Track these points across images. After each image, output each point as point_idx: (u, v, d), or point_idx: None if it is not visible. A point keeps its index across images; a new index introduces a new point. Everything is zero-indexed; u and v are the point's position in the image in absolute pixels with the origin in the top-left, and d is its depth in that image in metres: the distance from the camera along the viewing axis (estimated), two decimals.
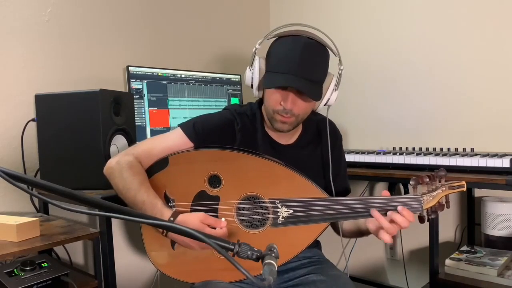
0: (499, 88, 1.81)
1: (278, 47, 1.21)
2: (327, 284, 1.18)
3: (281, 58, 1.19)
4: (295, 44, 1.17)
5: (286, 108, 1.19)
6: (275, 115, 1.22)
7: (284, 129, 1.24)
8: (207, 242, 0.74)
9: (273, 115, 1.22)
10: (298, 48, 1.16)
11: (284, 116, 1.20)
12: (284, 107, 1.19)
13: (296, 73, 1.15)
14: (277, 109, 1.20)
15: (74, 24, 1.72)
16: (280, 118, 1.21)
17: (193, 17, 2.19)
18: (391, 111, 2.13)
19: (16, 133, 1.54)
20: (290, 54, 1.17)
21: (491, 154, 1.56)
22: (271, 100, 1.21)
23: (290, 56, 1.16)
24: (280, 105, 1.19)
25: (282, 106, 1.19)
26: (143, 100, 1.81)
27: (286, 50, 1.18)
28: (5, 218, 1.24)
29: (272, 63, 1.21)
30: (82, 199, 0.73)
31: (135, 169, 1.15)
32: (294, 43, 1.17)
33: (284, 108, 1.19)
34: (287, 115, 1.20)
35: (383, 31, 2.14)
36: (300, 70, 1.16)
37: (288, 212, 1.17)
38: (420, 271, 2.07)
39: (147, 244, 1.18)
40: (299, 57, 1.16)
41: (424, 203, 1.13)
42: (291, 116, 1.21)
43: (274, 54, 1.21)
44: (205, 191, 1.18)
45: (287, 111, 1.19)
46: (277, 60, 1.19)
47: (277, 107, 1.20)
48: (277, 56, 1.20)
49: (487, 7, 1.82)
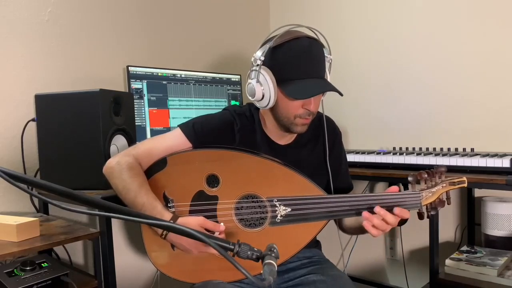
0: (499, 88, 1.81)
1: (285, 54, 1.17)
2: (327, 284, 1.18)
3: (295, 64, 1.17)
4: (301, 46, 1.16)
5: (312, 110, 1.20)
6: (296, 120, 1.21)
7: (304, 130, 1.25)
8: (207, 242, 0.74)
9: (293, 120, 1.21)
10: (306, 50, 1.16)
11: (307, 118, 1.21)
12: (308, 109, 1.19)
13: (315, 75, 1.17)
14: (299, 114, 1.20)
15: (74, 24, 1.72)
16: (302, 121, 1.22)
17: (193, 17, 2.19)
18: (391, 111, 2.13)
19: (16, 133, 1.54)
20: (302, 58, 1.16)
21: (491, 154, 1.56)
22: (292, 107, 1.19)
23: (303, 60, 1.16)
24: (302, 109, 1.19)
25: (305, 109, 1.19)
26: (143, 100, 1.81)
27: (295, 55, 1.16)
28: (5, 218, 1.24)
29: (285, 70, 1.17)
30: (82, 199, 0.73)
31: (135, 171, 1.15)
32: (299, 46, 1.16)
33: (308, 110, 1.19)
34: (309, 116, 1.21)
35: (383, 31, 2.14)
36: (315, 71, 1.18)
37: (286, 211, 1.17)
38: (420, 271, 2.07)
39: (147, 244, 1.19)
40: (311, 58, 1.17)
41: (423, 199, 1.13)
42: (311, 116, 1.23)
43: (284, 61, 1.17)
44: (203, 191, 1.19)
45: (310, 112, 1.20)
46: (290, 66, 1.17)
47: (299, 111, 1.20)
48: (289, 62, 1.17)
49: (487, 8, 1.82)
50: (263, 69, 1.18)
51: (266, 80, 1.18)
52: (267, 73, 1.18)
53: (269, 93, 1.18)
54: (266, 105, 1.21)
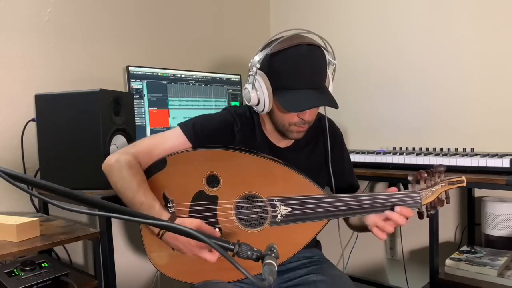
0: (499, 88, 1.81)
1: (282, 62, 1.16)
2: (327, 284, 1.18)
3: (290, 73, 1.15)
4: (299, 55, 1.14)
5: (306, 120, 1.19)
6: (291, 127, 1.22)
7: (299, 137, 1.25)
8: (207, 242, 0.74)
9: (288, 127, 1.22)
10: (303, 59, 1.14)
11: (302, 126, 1.21)
12: (302, 119, 1.19)
13: (310, 86, 1.16)
14: (294, 122, 1.20)
15: (74, 24, 1.72)
16: (297, 129, 1.22)
17: (193, 17, 2.19)
18: (391, 111, 2.13)
19: (16, 133, 1.54)
20: (298, 67, 1.14)
21: (491, 154, 1.56)
22: (288, 116, 1.19)
23: (299, 69, 1.14)
24: (297, 118, 1.19)
25: (300, 118, 1.19)
26: (143, 100, 1.81)
27: (292, 63, 1.14)
28: (5, 218, 1.24)
29: (281, 79, 1.16)
30: (82, 199, 0.73)
31: (135, 169, 1.15)
32: (297, 54, 1.14)
33: (303, 120, 1.19)
34: (304, 125, 1.21)
35: (382, 31, 2.14)
36: (312, 81, 1.16)
37: (286, 210, 1.17)
38: (420, 271, 2.07)
39: (147, 245, 1.18)
40: (307, 69, 1.15)
41: (423, 199, 1.14)
42: (307, 125, 1.22)
43: (280, 69, 1.16)
44: (203, 191, 1.18)
45: (305, 122, 1.20)
46: (286, 75, 1.16)
47: (294, 120, 1.20)
48: (285, 71, 1.16)
49: (488, 7, 1.82)
50: (259, 75, 1.18)
51: (261, 87, 1.18)
52: (263, 80, 1.17)
53: (264, 100, 1.18)
54: (262, 111, 1.21)
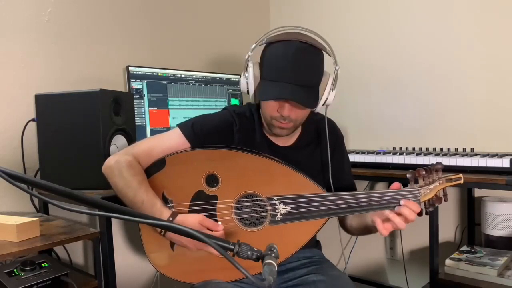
0: (499, 88, 1.81)
1: (270, 54, 1.18)
2: (327, 284, 1.18)
3: (273, 66, 1.17)
4: (287, 50, 1.14)
5: (283, 115, 1.18)
6: (272, 121, 1.21)
7: (283, 133, 1.25)
8: (207, 242, 0.74)
9: (270, 121, 1.22)
10: (290, 54, 1.14)
11: (282, 122, 1.20)
12: (281, 114, 1.18)
13: (290, 81, 1.14)
14: (274, 116, 1.20)
15: (74, 24, 1.72)
16: (278, 124, 1.21)
17: (193, 17, 2.19)
18: (391, 111, 2.13)
19: (16, 133, 1.54)
20: (282, 61, 1.14)
21: (491, 154, 1.56)
22: (268, 107, 1.20)
23: (283, 63, 1.14)
24: (277, 112, 1.18)
25: (279, 113, 1.18)
26: (143, 100, 1.81)
27: (278, 56, 1.16)
28: (5, 218, 1.24)
29: (265, 70, 1.19)
30: (82, 199, 0.73)
31: (135, 169, 1.15)
32: (286, 48, 1.15)
33: (282, 115, 1.18)
34: (285, 121, 1.20)
35: (383, 31, 2.14)
36: (293, 77, 1.14)
37: (286, 209, 1.17)
38: (420, 271, 2.07)
39: (146, 245, 1.18)
40: (292, 64, 1.14)
41: (421, 196, 1.14)
42: (289, 122, 1.20)
43: (266, 61, 1.19)
44: (203, 190, 1.18)
45: (284, 117, 1.19)
46: (270, 67, 1.18)
47: (274, 114, 1.19)
48: (270, 63, 1.18)
49: (488, 8, 1.82)
50: (252, 63, 1.22)
51: (249, 75, 1.21)
52: (252, 69, 1.21)
53: (250, 88, 1.22)
54: (253, 100, 1.25)
